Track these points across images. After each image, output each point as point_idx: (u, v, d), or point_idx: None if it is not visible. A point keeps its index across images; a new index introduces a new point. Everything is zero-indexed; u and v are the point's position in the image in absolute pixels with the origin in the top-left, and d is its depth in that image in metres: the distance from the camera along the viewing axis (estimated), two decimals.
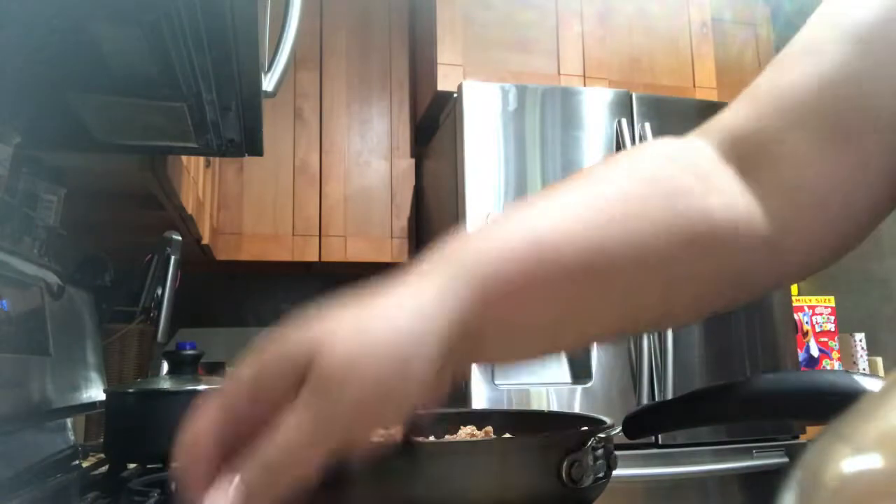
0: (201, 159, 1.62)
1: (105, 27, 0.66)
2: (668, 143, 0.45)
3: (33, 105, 0.88)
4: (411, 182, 2.40)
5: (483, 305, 0.35)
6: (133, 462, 0.97)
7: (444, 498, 0.47)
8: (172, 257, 1.47)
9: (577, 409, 1.80)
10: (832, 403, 0.46)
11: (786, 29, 2.56)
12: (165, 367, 1.45)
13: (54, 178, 0.99)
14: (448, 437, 0.62)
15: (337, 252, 2.29)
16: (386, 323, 0.33)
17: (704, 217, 0.39)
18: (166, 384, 0.96)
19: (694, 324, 1.69)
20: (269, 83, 0.92)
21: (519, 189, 1.89)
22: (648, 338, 1.84)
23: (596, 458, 0.51)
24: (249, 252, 2.24)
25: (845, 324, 2.43)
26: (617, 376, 1.84)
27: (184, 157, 1.29)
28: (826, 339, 2.39)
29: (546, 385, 1.82)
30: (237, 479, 0.31)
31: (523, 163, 1.90)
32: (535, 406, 1.77)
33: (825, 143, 0.41)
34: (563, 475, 0.48)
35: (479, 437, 0.61)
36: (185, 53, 0.71)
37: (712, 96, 2.30)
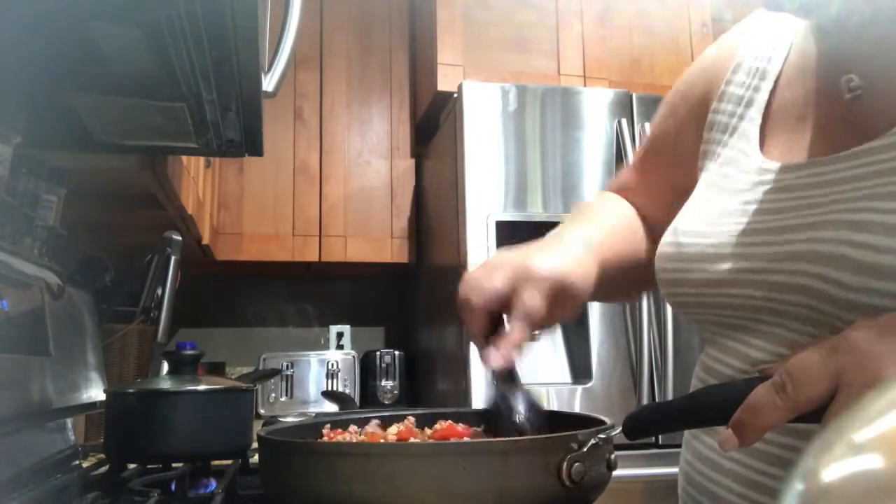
0: (201, 159, 1.62)
1: (105, 27, 0.66)
2: (622, 201, 0.79)
3: (33, 105, 0.88)
4: (411, 182, 2.40)
5: (599, 273, 0.64)
6: (133, 462, 0.97)
7: (445, 497, 0.47)
8: (172, 257, 1.47)
9: (577, 409, 1.80)
10: None
11: None
12: (165, 367, 1.45)
13: (54, 178, 0.99)
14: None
15: (337, 252, 2.29)
16: (574, 261, 0.62)
17: (642, 249, 0.74)
18: (166, 384, 0.95)
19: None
20: (269, 83, 0.92)
21: (519, 189, 1.89)
22: (649, 338, 1.84)
23: (596, 459, 0.51)
24: (249, 252, 2.24)
25: None
26: (617, 376, 1.84)
27: (184, 157, 1.29)
28: None
29: (546, 385, 1.82)
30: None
31: (523, 163, 1.90)
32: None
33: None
34: (564, 475, 0.48)
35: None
36: (185, 53, 0.71)
37: None
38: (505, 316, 0.60)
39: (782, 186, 0.56)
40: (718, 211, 0.60)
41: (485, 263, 0.61)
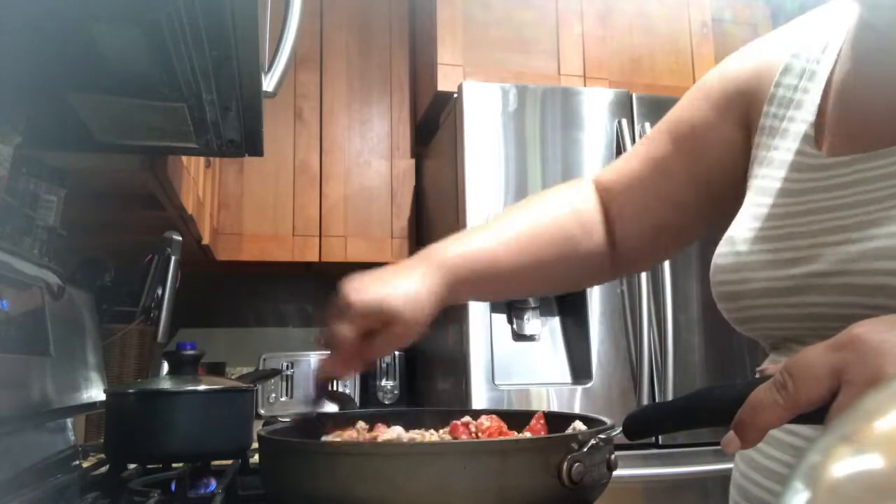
0: (201, 159, 1.62)
1: (105, 27, 0.66)
2: (574, 191, 0.78)
3: (33, 105, 0.88)
4: (411, 182, 2.40)
5: (450, 289, 0.67)
6: (133, 462, 0.97)
7: (445, 497, 0.47)
8: (172, 257, 1.47)
9: (577, 409, 1.80)
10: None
11: None
12: (165, 367, 1.45)
13: (54, 179, 0.99)
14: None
15: (337, 252, 2.29)
16: (403, 285, 0.64)
17: (576, 251, 0.74)
18: (166, 384, 0.95)
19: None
20: (269, 83, 0.92)
21: (519, 189, 1.89)
22: (649, 338, 1.84)
23: (596, 459, 0.51)
24: (249, 252, 2.24)
25: None
26: (617, 376, 1.84)
27: (184, 157, 1.29)
28: None
29: (546, 385, 1.82)
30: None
31: (523, 163, 1.90)
32: (535, 406, 1.77)
33: (647, 201, 0.73)
34: (564, 475, 0.48)
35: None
36: (185, 53, 0.71)
37: None
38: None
39: (842, 183, 0.53)
40: (778, 214, 0.58)
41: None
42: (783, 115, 0.62)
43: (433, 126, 2.27)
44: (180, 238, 1.50)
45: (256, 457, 0.74)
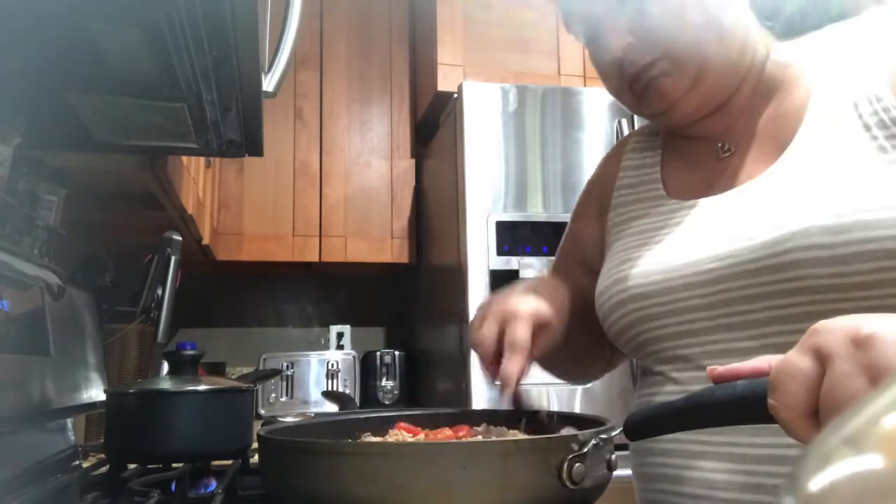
0: (201, 159, 1.62)
1: (105, 27, 0.66)
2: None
3: (33, 105, 0.88)
4: (411, 182, 2.40)
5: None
6: (133, 462, 0.97)
7: (445, 497, 0.47)
8: (173, 257, 1.47)
9: (577, 410, 1.80)
10: None
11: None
12: (165, 367, 1.45)
13: (54, 178, 0.99)
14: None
15: (337, 252, 2.29)
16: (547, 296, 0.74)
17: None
18: (166, 384, 0.95)
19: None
20: (269, 83, 0.92)
21: (519, 189, 1.89)
22: None
23: (596, 459, 0.51)
24: (250, 252, 2.24)
25: None
26: (617, 376, 1.84)
27: (184, 157, 1.29)
28: None
29: (546, 385, 1.82)
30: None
31: (523, 163, 1.90)
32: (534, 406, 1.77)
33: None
34: (564, 476, 0.48)
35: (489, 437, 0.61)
36: (185, 53, 0.71)
37: None
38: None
39: (691, 214, 0.70)
40: (661, 243, 0.72)
41: (479, 308, 0.74)
42: (629, 193, 0.81)
43: (433, 126, 2.27)
44: (180, 238, 1.50)
45: (256, 457, 0.74)
